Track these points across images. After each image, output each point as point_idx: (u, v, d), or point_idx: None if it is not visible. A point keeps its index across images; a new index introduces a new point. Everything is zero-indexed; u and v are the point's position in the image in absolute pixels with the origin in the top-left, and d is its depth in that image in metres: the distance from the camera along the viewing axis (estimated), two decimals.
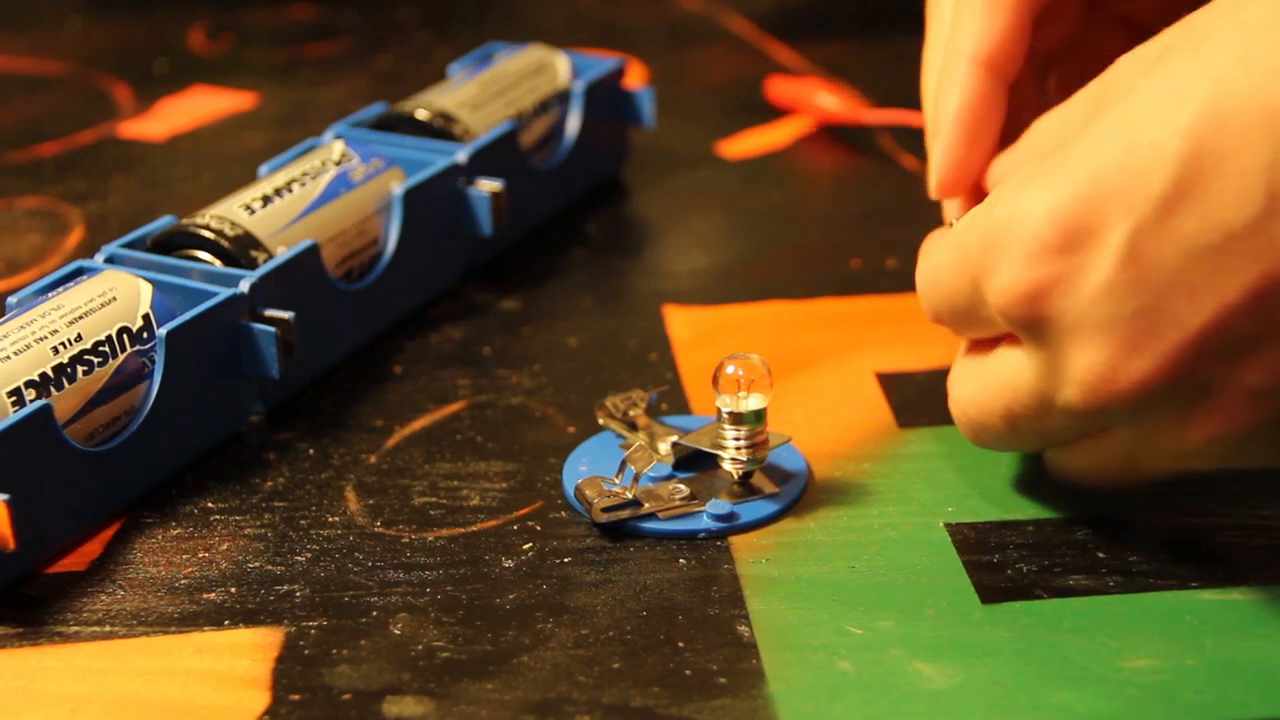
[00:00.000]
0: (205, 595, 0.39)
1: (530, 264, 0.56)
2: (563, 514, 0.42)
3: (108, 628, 0.38)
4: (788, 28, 0.78)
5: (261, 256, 0.46)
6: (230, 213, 0.47)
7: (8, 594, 0.39)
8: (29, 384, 0.40)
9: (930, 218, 0.59)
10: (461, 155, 0.53)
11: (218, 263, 0.46)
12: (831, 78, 0.70)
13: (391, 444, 0.45)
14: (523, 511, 0.42)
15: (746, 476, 0.42)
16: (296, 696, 0.36)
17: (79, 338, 0.42)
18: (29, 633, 0.38)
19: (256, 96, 0.71)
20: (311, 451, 0.45)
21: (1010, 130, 0.43)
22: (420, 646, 0.37)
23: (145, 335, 0.43)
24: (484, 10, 0.84)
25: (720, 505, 0.41)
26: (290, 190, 0.49)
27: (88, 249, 0.56)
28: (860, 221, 0.59)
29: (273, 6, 0.83)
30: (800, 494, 0.42)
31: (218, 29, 0.81)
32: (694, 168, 0.63)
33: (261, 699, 0.36)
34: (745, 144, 0.65)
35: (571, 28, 0.80)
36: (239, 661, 0.37)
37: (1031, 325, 0.36)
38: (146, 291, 0.44)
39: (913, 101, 0.47)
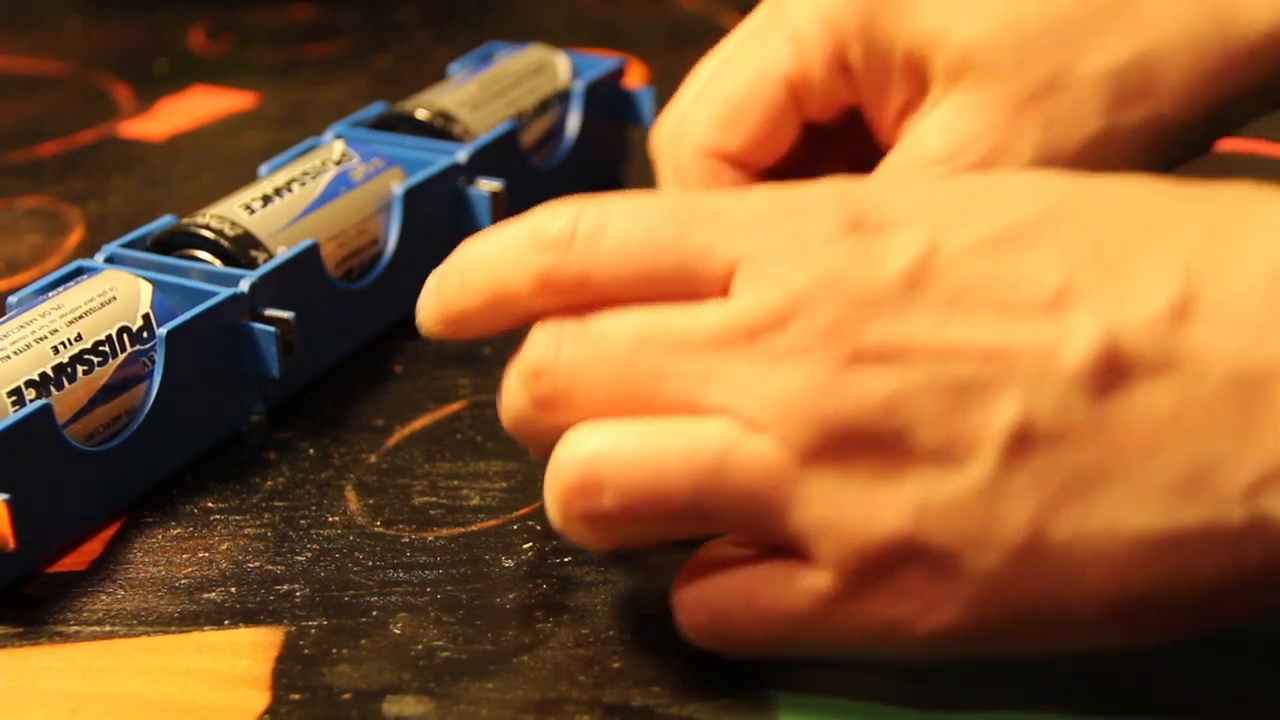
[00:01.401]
0: (205, 595, 0.39)
1: None
2: None
3: (108, 627, 0.38)
4: None
5: (261, 256, 0.46)
6: (230, 212, 0.47)
7: (8, 594, 0.39)
8: (29, 383, 0.40)
9: None
10: (461, 155, 0.53)
11: (218, 262, 0.46)
12: None
13: (392, 443, 0.45)
14: (523, 511, 0.42)
15: None
16: (297, 696, 0.36)
17: (79, 337, 0.42)
18: (29, 632, 0.38)
19: (256, 96, 0.71)
20: (311, 451, 0.45)
21: None
22: (420, 646, 0.37)
23: (145, 335, 0.43)
24: (484, 10, 0.84)
25: None
26: (290, 190, 0.49)
27: (88, 249, 0.56)
28: None
29: (273, 6, 0.83)
30: None
31: (218, 29, 0.81)
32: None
33: (262, 698, 0.36)
34: None
35: (571, 28, 0.80)
36: (239, 661, 0.37)
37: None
38: (146, 291, 0.44)
39: None
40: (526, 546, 0.41)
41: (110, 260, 0.46)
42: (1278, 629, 0.36)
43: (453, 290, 0.37)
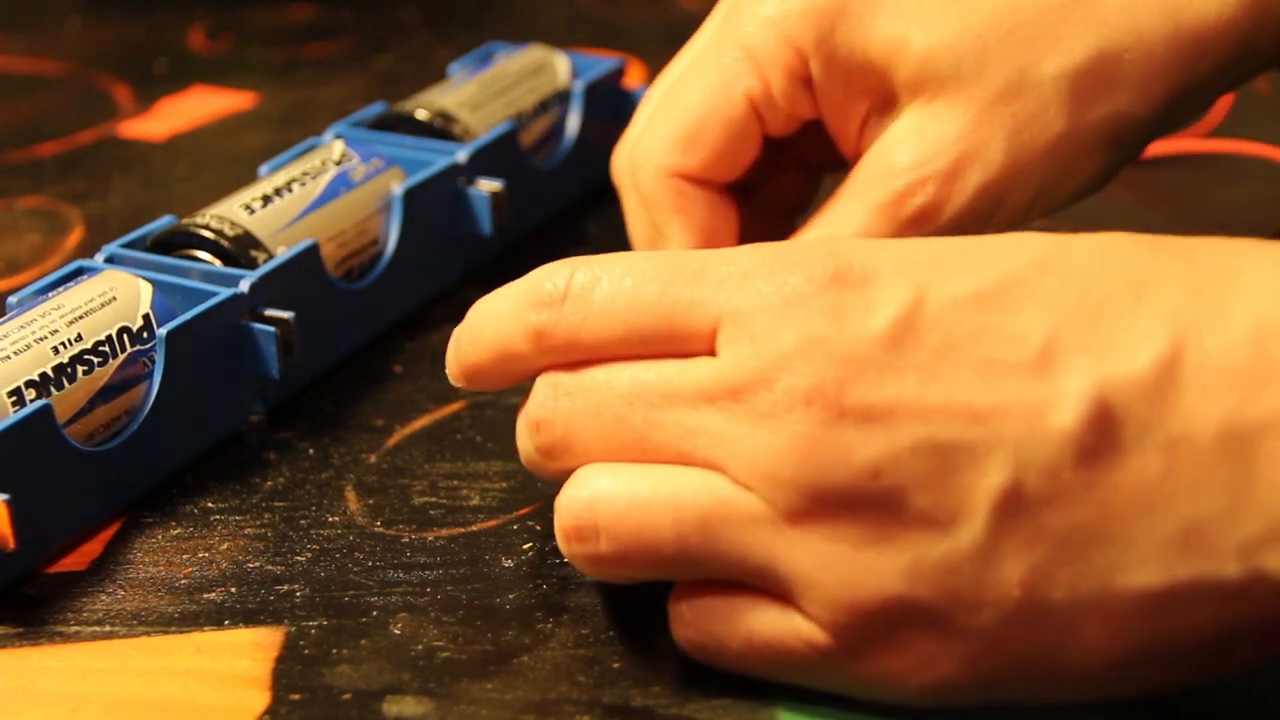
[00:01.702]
0: (205, 595, 0.39)
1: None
2: None
3: (108, 627, 0.38)
4: None
5: (261, 256, 0.46)
6: (230, 212, 0.47)
7: (8, 594, 0.39)
8: (29, 384, 0.40)
9: None
10: (461, 155, 0.53)
11: (218, 262, 0.46)
12: None
13: (392, 444, 0.45)
14: (523, 511, 0.42)
15: None
16: (296, 696, 0.36)
17: (79, 337, 0.42)
18: (29, 632, 0.38)
19: (256, 96, 0.71)
20: (312, 451, 0.45)
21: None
22: (420, 646, 0.37)
23: (145, 335, 0.43)
24: (484, 10, 0.84)
25: None
26: (290, 190, 0.49)
27: (88, 249, 0.56)
28: None
29: (272, 6, 0.83)
30: None
31: (217, 29, 0.81)
32: None
33: (261, 699, 0.36)
34: None
35: (572, 28, 0.80)
36: (239, 661, 0.37)
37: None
38: (146, 291, 0.44)
39: None
40: (526, 546, 0.41)
41: (110, 260, 0.46)
42: None
43: (466, 346, 0.38)
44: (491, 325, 0.37)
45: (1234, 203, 0.58)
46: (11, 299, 0.44)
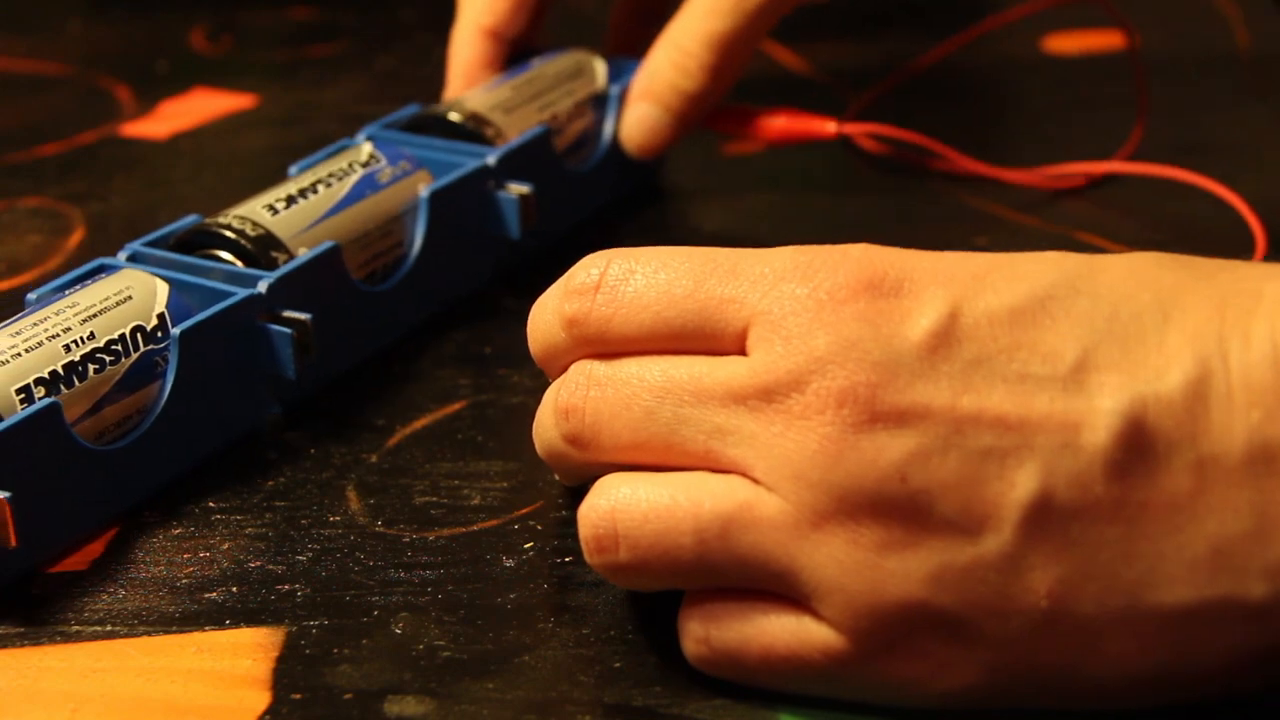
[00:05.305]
0: (206, 595, 0.39)
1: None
2: (564, 513, 0.42)
3: (109, 627, 0.38)
4: (787, 29, 0.78)
5: (282, 257, 0.46)
6: (253, 213, 0.47)
7: (10, 593, 0.39)
8: (39, 381, 0.40)
9: (931, 218, 0.59)
10: (491, 158, 0.52)
11: (239, 263, 0.46)
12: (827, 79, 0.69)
13: (393, 443, 0.45)
14: (524, 511, 0.42)
15: None
16: (298, 696, 0.36)
17: (92, 336, 0.41)
18: (31, 632, 0.38)
19: (257, 97, 0.71)
20: (312, 451, 0.45)
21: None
22: (421, 646, 0.37)
23: (159, 334, 0.43)
24: None
25: None
26: (315, 191, 0.48)
27: (89, 249, 0.56)
28: (860, 223, 0.59)
29: (273, 7, 0.83)
30: None
31: (218, 30, 0.81)
32: (702, 168, 0.63)
33: (263, 698, 0.36)
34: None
35: (573, 28, 0.80)
36: (240, 661, 0.37)
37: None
38: (163, 290, 0.44)
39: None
40: (527, 546, 0.41)
41: (133, 259, 0.46)
42: None
43: (528, 339, 0.38)
44: (539, 316, 0.38)
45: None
46: (31, 295, 0.44)
